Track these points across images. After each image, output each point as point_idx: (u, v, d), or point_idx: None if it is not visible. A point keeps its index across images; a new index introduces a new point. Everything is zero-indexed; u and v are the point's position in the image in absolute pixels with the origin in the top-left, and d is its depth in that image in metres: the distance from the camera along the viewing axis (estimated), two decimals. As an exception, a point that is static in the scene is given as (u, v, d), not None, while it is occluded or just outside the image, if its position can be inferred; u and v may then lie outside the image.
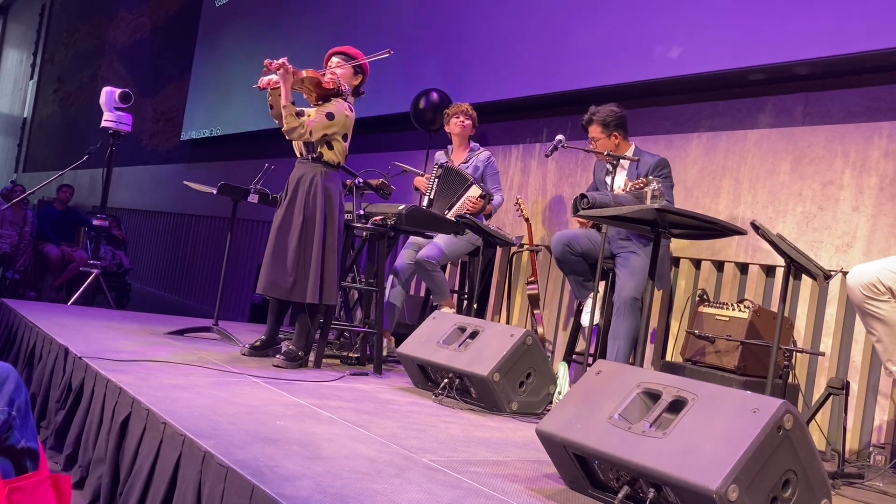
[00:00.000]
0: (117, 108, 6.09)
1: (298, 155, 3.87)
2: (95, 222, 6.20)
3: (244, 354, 3.86)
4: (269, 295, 3.77)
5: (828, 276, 2.87)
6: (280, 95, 3.68)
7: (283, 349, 3.79)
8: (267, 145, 4.23)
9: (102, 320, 4.47)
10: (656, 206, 2.73)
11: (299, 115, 3.72)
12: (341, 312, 4.63)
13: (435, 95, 5.81)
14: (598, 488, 2.11)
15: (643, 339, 3.28)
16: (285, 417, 2.55)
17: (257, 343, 3.92)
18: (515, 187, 5.50)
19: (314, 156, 3.80)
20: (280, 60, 3.62)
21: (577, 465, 2.13)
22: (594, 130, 4.06)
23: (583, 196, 3.24)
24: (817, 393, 3.66)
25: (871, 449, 3.43)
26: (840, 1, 3.64)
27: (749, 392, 1.91)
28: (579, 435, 2.06)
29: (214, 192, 4.41)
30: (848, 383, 3.08)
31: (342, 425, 2.56)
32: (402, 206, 4.00)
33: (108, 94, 6.06)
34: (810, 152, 3.93)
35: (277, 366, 3.64)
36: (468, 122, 4.86)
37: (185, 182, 4.91)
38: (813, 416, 3.25)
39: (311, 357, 3.84)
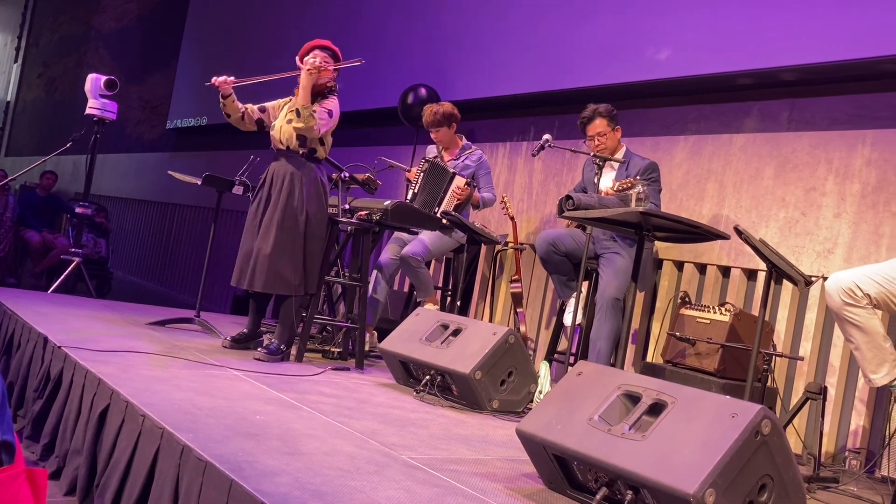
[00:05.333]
0: (102, 96, 6.03)
1: (284, 148, 3.84)
2: (78, 210, 6.14)
3: (225, 347, 3.84)
4: (275, 292, 3.77)
5: (808, 282, 2.90)
6: (234, 102, 3.86)
7: (265, 342, 3.77)
8: (252, 137, 4.22)
9: (83, 309, 4.44)
10: (641, 208, 2.74)
11: (263, 111, 3.91)
12: (324, 307, 4.62)
13: (423, 91, 5.80)
14: (576, 489, 2.12)
15: (625, 340, 3.30)
16: (265, 412, 2.55)
17: (239, 335, 3.90)
18: (502, 185, 5.51)
19: (306, 151, 3.79)
20: (317, 62, 3.68)
21: (556, 465, 2.14)
22: (600, 125, 4.03)
23: (568, 197, 3.25)
24: (795, 397, 3.70)
25: (846, 453, 3.47)
26: (827, 9, 3.66)
27: (728, 397, 1.93)
28: (559, 435, 2.07)
29: (199, 182, 4.38)
30: (825, 388, 3.11)
31: (322, 421, 2.56)
32: (387, 202, 4.00)
33: (94, 81, 6.01)
34: (794, 158, 3.96)
35: (259, 359, 3.62)
36: (443, 129, 4.81)
37: (170, 172, 4.88)
38: (790, 421, 3.28)
39: (293, 351, 3.83)
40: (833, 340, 3.68)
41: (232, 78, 3.80)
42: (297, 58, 3.88)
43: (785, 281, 3.57)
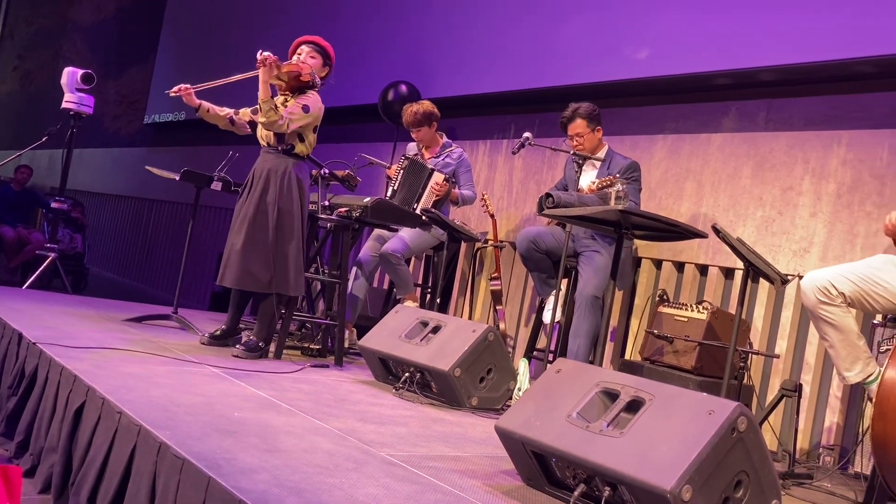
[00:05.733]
0: (79, 90, 5.96)
1: (265, 144, 3.82)
2: (54, 205, 6.07)
3: (203, 343, 3.82)
4: (247, 289, 3.74)
5: (785, 281, 2.93)
6: (209, 112, 3.86)
7: (244, 339, 3.75)
8: (232, 133, 4.20)
9: (58, 305, 4.39)
10: (620, 207, 2.75)
11: (255, 112, 3.84)
12: (303, 303, 4.60)
13: (404, 88, 5.79)
14: (554, 486, 2.13)
15: (603, 337, 3.32)
16: (244, 409, 2.53)
17: (217, 332, 3.88)
18: (482, 183, 5.51)
19: (284, 147, 3.76)
20: (266, 54, 3.60)
21: (535, 462, 2.14)
22: (579, 125, 4.05)
23: (548, 195, 3.26)
24: (771, 394, 3.74)
25: (820, 450, 3.51)
26: (803, 11, 3.70)
27: (705, 394, 1.94)
28: (537, 432, 2.07)
29: (177, 178, 4.34)
30: (800, 385, 3.15)
31: (301, 418, 2.55)
32: (367, 199, 3.99)
33: (70, 75, 5.94)
34: (772, 158, 4.00)
35: (237, 356, 3.60)
36: (423, 128, 4.81)
37: (148, 167, 4.84)
38: (766, 417, 3.32)
39: (272, 348, 3.81)
40: (808, 338, 3.72)
41: (185, 86, 3.76)
42: (288, 55, 3.86)
43: (761, 279, 3.61)
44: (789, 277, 3.68)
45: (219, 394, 2.71)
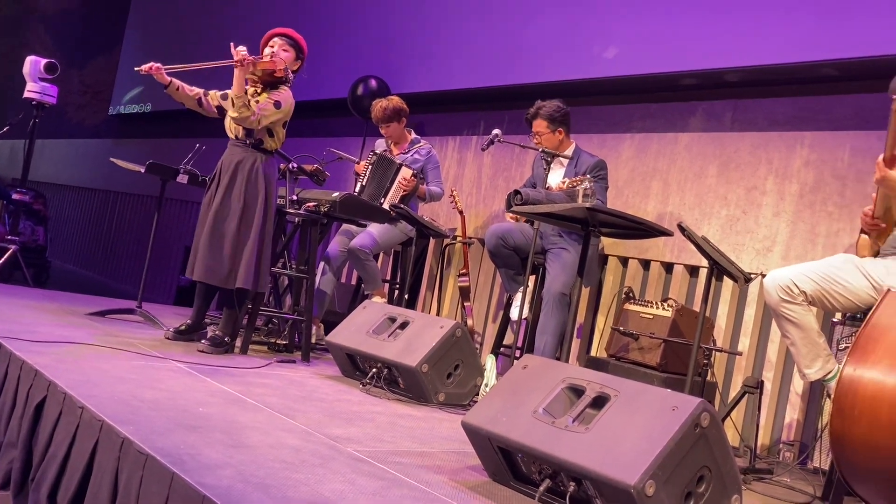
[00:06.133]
0: (42, 79, 5.85)
1: (233, 137, 3.78)
2: (15, 196, 5.96)
3: (168, 338, 3.77)
4: (207, 282, 3.69)
5: (748, 279, 2.97)
6: (179, 91, 3.79)
7: (209, 334, 3.72)
8: (198, 125, 4.14)
9: (19, 298, 4.31)
10: (587, 205, 2.78)
11: (224, 98, 3.78)
12: (270, 298, 4.57)
13: (374, 83, 5.77)
14: (520, 481, 2.15)
15: (570, 334, 3.34)
16: (209, 404, 2.51)
17: (182, 327, 3.84)
18: (451, 179, 5.52)
19: (253, 141, 3.73)
20: (243, 54, 3.56)
21: (501, 457, 2.16)
22: (539, 125, 4.10)
23: (516, 192, 3.27)
24: (734, 390, 3.79)
25: (781, 446, 3.57)
26: (769, 14, 3.75)
27: (669, 390, 1.97)
28: (504, 428, 2.09)
29: (142, 170, 4.29)
30: (762, 382, 3.20)
31: (267, 413, 2.54)
32: (336, 194, 3.97)
33: (33, 64, 5.82)
34: (737, 157, 4.05)
35: (203, 351, 3.57)
36: (392, 124, 4.81)
37: (112, 159, 4.77)
38: (728, 413, 3.37)
39: (238, 343, 3.78)
40: (770, 336, 3.78)
41: (157, 65, 3.71)
42: (260, 46, 3.82)
43: (725, 277, 3.67)
44: (752, 276, 3.74)
45: (183, 389, 2.69)
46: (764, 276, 2.91)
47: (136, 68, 3.70)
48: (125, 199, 9.79)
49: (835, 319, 3.05)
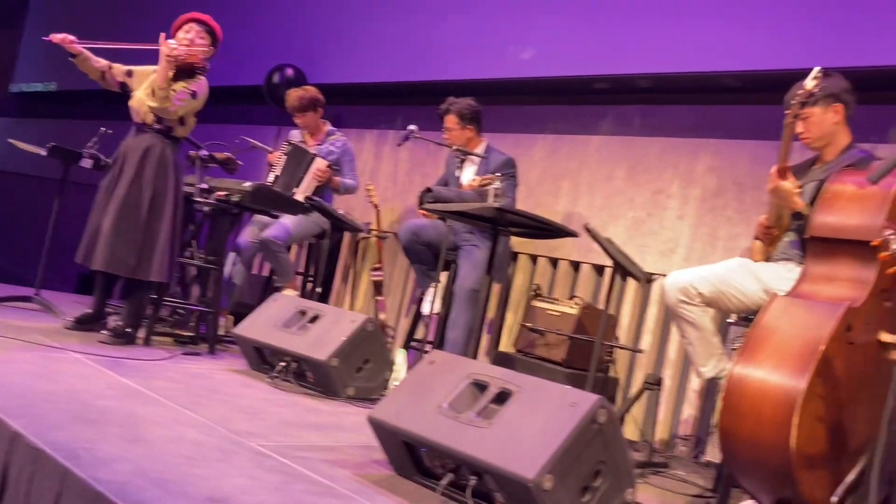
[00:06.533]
0: (-66, 52, 5.52)
1: (140, 122, 3.67)
2: None
3: (67, 328, 3.64)
4: (114, 272, 3.58)
5: (648, 280, 3.08)
6: (87, 62, 3.68)
7: (111, 324, 3.61)
8: (105, 108, 4.00)
9: None
10: (496, 205, 2.83)
11: (129, 74, 3.73)
12: (177, 288, 4.46)
13: (290, 71, 5.70)
14: (423, 475, 2.17)
15: (479, 330, 3.39)
16: (108, 397, 2.44)
17: (82, 316, 3.71)
18: (367, 173, 5.50)
19: (162, 128, 3.63)
20: (175, 49, 3.48)
21: (406, 451, 2.18)
22: (450, 120, 4.17)
23: (428, 190, 3.30)
24: (636, 386, 3.93)
25: (677, 440, 3.72)
26: (677, 24, 3.89)
27: (569, 386, 2.03)
28: (409, 423, 2.11)
29: (43, 153, 4.11)
30: (661, 379, 3.33)
31: (169, 407, 2.48)
32: (247, 184, 3.90)
33: (-75, 35, 5.49)
34: (644, 161, 4.19)
35: (103, 342, 3.46)
36: (308, 114, 4.77)
37: (11, 140, 4.55)
38: (628, 409, 3.49)
39: (141, 334, 3.68)
40: (671, 334, 3.93)
41: (72, 38, 3.57)
42: (172, 27, 3.71)
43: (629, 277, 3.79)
44: (655, 276, 3.89)
45: (82, 382, 2.60)
46: (666, 276, 3.03)
47: (45, 38, 3.55)
48: (25, 182, 9.35)
49: (730, 320, 3.20)
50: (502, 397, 2.08)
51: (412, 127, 3.91)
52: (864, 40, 3.27)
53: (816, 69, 2.58)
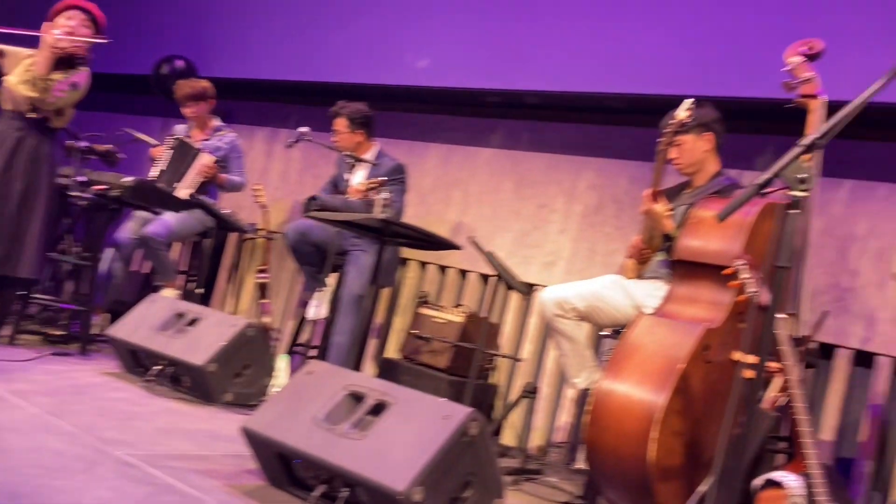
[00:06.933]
0: None
1: (12, 110, 3.47)
2: None
3: (-78, 325, 3.42)
4: None
5: (528, 292, 3.17)
6: None
7: (-28, 322, 3.41)
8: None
9: None
10: (382, 216, 2.85)
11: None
12: (50, 283, 4.26)
13: (180, 63, 5.53)
14: (296, 486, 2.17)
15: (360, 336, 3.40)
16: (-38, 402, 2.32)
17: (-60, 313, 3.49)
18: (258, 171, 5.41)
19: (37, 117, 3.45)
20: (61, 40, 3.29)
21: (279, 462, 2.17)
22: (340, 123, 4.16)
23: (313, 197, 3.29)
24: (515, 394, 4.02)
25: (551, 447, 3.84)
26: (566, 43, 4.02)
27: (443, 399, 2.08)
28: (282, 434, 2.10)
29: None
30: (538, 388, 3.43)
31: (30, 413, 2.38)
32: (128, 178, 3.78)
33: None
34: (531, 176, 4.30)
35: (-37, 341, 3.27)
36: (201, 104, 4.67)
37: None
38: (506, 416, 3.59)
39: (7, 332, 3.49)
40: (549, 344, 4.05)
41: None
42: (52, 11, 3.52)
43: (513, 288, 3.88)
44: (537, 287, 4.00)
45: (-67, 385, 2.46)
46: (546, 288, 3.13)
47: None
48: None
49: (603, 333, 3.33)
50: (378, 409, 2.11)
51: (304, 129, 3.89)
52: (735, 72, 3.47)
53: (689, 100, 2.73)
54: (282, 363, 3.53)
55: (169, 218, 4.38)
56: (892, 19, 3.05)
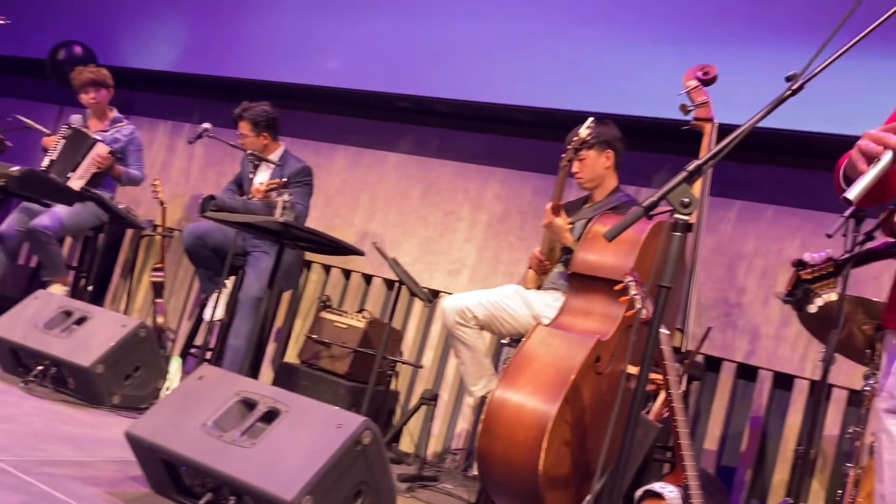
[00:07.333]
0: None
1: None
2: None
3: None
4: None
5: (430, 299, 3.19)
6: None
7: None
8: None
9: None
10: (283, 219, 2.80)
11: None
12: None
13: (78, 49, 5.30)
14: (182, 493, 2.10)
15: (264, 339, 3.33)
16: None
17: None
18: (158, 166, 5.24)
19: None
20: None
21: (165, 469, 2.10)
22: (244, 126, 4.07)
23: (211, 197, 3.21)
24: (415, 400, 4.02)
25: (449, 454, 3.87)
26: (477, 55, 4.07)
27: (337, 408, 2.06)
28: (169, 440, 2.03)
29: None
30: (437, 395, 3.45)
31: None
32: (15, 168, 3.59)
33: None
34: (439, 183, 4.32)
35: None
36: (101, 91, 4.50)
37: None
38: (405, 423, 3.58)
39: None
40: (451, 352, 4.07)
41: None
42: None
43: (416, 295, 3.88)
44: (441, 294, 4.02)
45: None
46: (448, 296, 3.15)
47: None
48: None
49: (503, 342, 3.38)
50: (270, 416, 2.06)
51: (206, 125, 3.79)
52: (636, 93, 3.59)
53: (591, 119, 2.81)
54: (175, 366, 3.42)
55: (60, 210, 4.19)
56: (781, 48, 3.21)
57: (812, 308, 2.20)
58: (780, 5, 3.37)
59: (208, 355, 3.99)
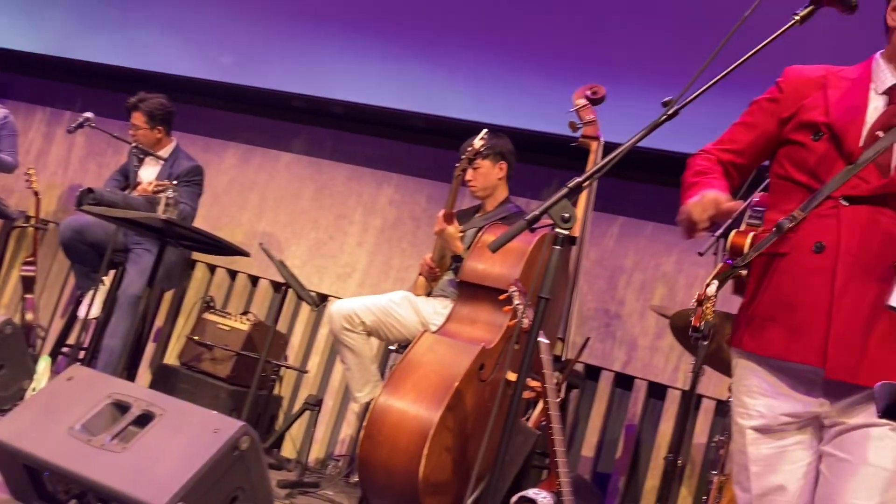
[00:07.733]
0: None
1: None
2: None
3: None
4: None
5: (317, 304, 3.15)
6: None
7: None
8: None
9: None
10: (165, 216, 2.71)
11: None
12: None
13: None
14: (44, 500, 2.00)
15: (142, 340, 3.21)
16: None
17: None
18: (34, 153, 4.96)
19: None
20: None
21: (26, 475, 1.99)
22: (138, 118, 3.90)
23: (89, 190, 3.07)
24: (299, 406, 3.96)
25: (331, 460, 3.83)
26: (376, 58, 4.06)
27: (214, 412, 2.00)
28: (31, 444, 1.93)
29: None
30: (321, 400, 3.41)
31: None
32: None
33: None
34: (332, 185, 4.28)
35: None
36: None
37: None
38: (288, 428, 3.53)
39: None
40: (337, 357, 4.04)
41: None
42: None
43: (304, 298, 3.83)
44: (330, 298, 3.98)
45: None
46: (340, 299, 3.12)
47: None
48: None
49: (391, 348, 3.38)
50: (143, 420, 1.99)
51: (88, 115, 3.62)
52: (528, 108, 3.68)
53: (485, 130, 2.86)
54: (43, 365, 3.24)
55: (-80, 197, 3.90)
56: (667, 71, 3.36)
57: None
58: (662, 32, 3.52)
59: (81, 355, 3.79)
